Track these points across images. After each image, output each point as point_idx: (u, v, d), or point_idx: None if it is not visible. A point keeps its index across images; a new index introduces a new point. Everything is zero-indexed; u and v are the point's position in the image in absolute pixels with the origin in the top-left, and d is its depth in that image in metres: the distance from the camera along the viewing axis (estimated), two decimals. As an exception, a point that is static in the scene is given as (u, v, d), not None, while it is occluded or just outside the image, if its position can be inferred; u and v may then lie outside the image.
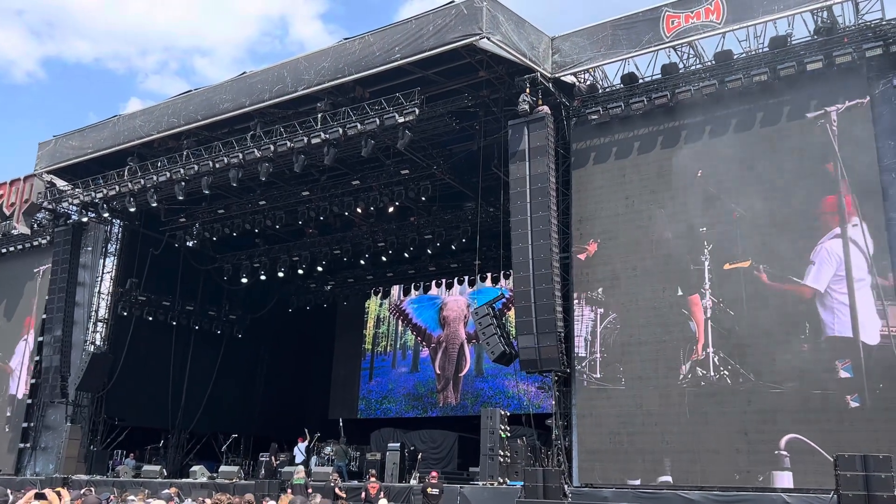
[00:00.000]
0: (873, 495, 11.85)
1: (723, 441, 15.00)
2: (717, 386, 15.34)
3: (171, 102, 21.87)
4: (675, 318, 16.10)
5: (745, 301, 15.46)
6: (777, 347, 14.93)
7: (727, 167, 16.27)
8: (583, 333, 17.09)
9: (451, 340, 29.69)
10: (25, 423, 25.47)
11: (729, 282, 15.72)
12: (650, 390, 16.00)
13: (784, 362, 14.75)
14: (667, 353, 16.01)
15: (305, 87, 18.72)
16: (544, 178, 16.90)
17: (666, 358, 15.99)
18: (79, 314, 25.19)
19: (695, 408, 15.37)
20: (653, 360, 16.15)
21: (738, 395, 15.05)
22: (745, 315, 15.39)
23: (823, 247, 15.00)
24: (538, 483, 15.10)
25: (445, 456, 25.09)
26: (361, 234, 27.53)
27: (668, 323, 16.15)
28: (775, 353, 14.92)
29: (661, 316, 16.30)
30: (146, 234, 26.64)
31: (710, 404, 15.31)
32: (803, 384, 14.50)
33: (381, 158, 21.73)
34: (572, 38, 17.72)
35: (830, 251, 14.93)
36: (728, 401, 15.16)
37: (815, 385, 14.41)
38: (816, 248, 15.05)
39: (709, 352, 15.54)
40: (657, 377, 16.00)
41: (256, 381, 32.14)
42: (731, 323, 15.47)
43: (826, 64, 15.31)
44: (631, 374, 16.34)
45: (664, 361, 16.00)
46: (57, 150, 24.06)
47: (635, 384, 16.18)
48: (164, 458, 25.97)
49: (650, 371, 16.09)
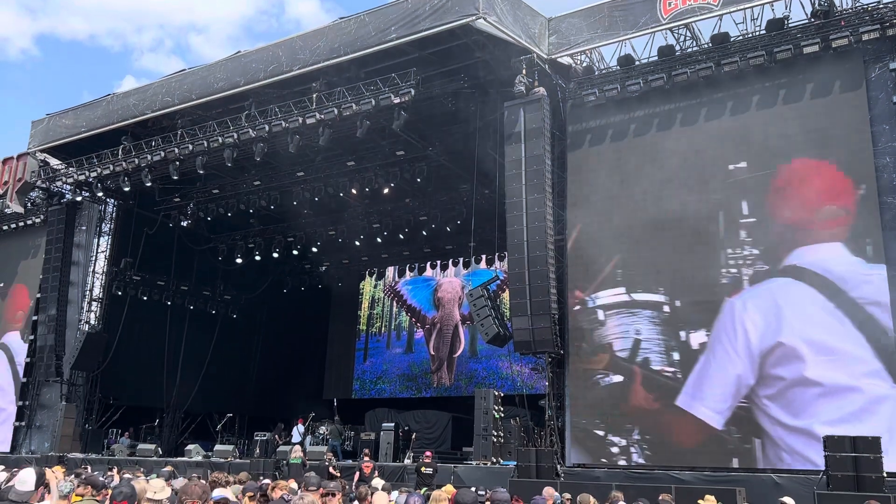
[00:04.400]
0: (862, 476, 12.02)
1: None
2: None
3: (166, 81, 21.74)
4: (668, 301, 16.24)
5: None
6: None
7: (723, 150, 16.30)
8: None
9: (446, 322, 29.80)
10: (21, 401, 25.54)
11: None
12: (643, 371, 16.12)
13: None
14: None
15: (300, 66, 18.63)
16: (540, 160, 16.91)
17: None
18: (73, 293, 25.18)
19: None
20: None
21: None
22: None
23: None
24: (531, 463, 15.26)
25: (439, 436, 25.31)
26: (356, 215, 27.51)
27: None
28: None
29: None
30: (140, 213, 26.57)
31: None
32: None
33: (376, 139, 21.66)
34: (569, 19, 17.64)
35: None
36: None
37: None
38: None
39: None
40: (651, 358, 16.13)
41: (251, 361, 32.25)
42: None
43: (822, 47, 15.30)
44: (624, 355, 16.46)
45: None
46: (50, 129, 23.93)
47: (629, 364, 16.30)
48: (159, 437, 26.11)
49: (644, 352, 16.18)
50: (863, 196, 14.65)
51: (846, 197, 14.85)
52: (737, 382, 14.94)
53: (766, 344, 14.78)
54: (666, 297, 16.15)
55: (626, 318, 16.51)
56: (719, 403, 15.00)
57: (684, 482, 13.95)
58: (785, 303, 14.81)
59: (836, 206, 14.90)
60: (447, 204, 25.19)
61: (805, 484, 13.01)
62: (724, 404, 14.93)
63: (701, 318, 15.64)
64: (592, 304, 16.93)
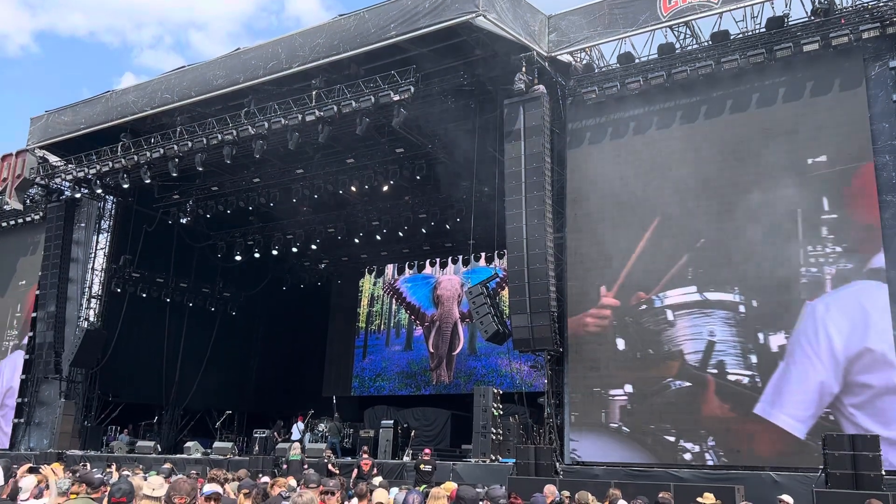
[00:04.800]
0: (861, 474, 12.02)
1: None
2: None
3: (165, 78, 21.71)
4: (667, 299, 16.16)
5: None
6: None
7: (722, 148, 16.29)
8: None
9: (445, 319, 29.80)
10: (20, 398, 25.53)
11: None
12: (642, 370, 16.12)
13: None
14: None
15: (300, 63, 18.61)
16: (539, 157, 16.90)
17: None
18: (72, 290, 25.19)
19: (686, 386, 15.49)
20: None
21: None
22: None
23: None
24: (530, 460, 15.28)
25: (438, 433, 25.31)
26: (356, 212, 27.50)
27: (661, 303, 16.22)
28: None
29: (654, 296, 16.36)
30: (140, 210, 26.54)
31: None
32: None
33: (375, 136, 21.64)
34: (569, 16, 17.63)
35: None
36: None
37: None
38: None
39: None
40: (650, 358, 16.13)
41: (250, 358, 32.27)
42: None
43: (822, 45, 15.28)
44: (623, 355, 16.40)
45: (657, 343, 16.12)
46: (49, 126, 23.89)
47: (628, 364, 16.31)
48: (158, 435, 26.11)
49: (643, 351, 16.18)
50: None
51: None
52: (820, 390, 14.13)
53: (852, 350, 13.99)
54: (741, 296, 15.37)
55: (699, 319, 15.73)
56: (801, 411, 14.14)
57: (683, 480, 13.97)
58: (872, 307, 14.02)
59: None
60: (446, 201, 25.17)
61: (804, 482, 13.02)
62: (807, 412, 14.10)
63: (780, 319, 14.86)
64: (660, 304, 16.17)
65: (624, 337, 16.50)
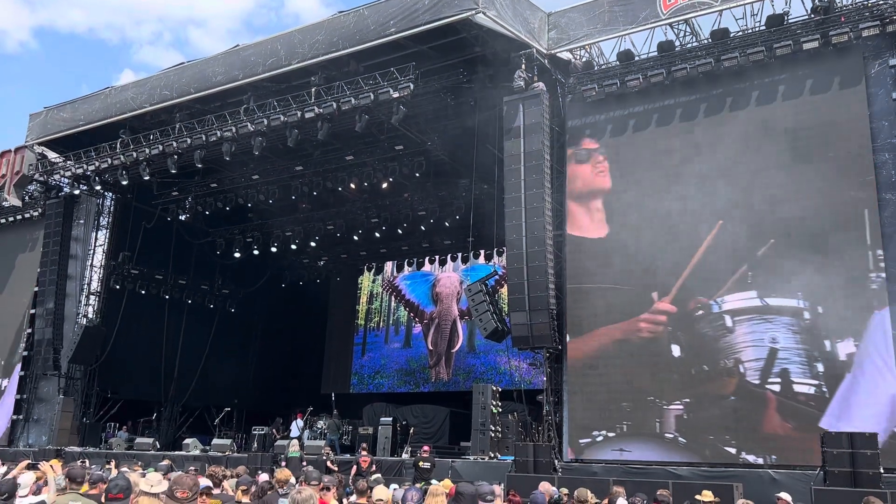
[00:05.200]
0: (859, 472, 12.03)
1: (714, 418, 15.14)
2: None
3: (164, 75, 21.69)
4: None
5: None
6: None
7: (722, 145, 16.28)
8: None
9: (444, 317, 29.81)
10: (18, 394, 25.53)
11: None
12: (641, 367, 16.13)
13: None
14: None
15: (299, 60, 18.58)
16: (539, 155, 16.88)
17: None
18: (71, 287, 25.15)
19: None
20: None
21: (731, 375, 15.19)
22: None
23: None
24: (529, 458, 15.28)
25: (437, 430, 25.31)
26: (355, 209, 27.47)
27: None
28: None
29: (653, 294, 16.29)
30: (138, 207, 26.52)
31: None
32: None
33: (375, 134, 21.62)
34: (569, 14, 17.61)
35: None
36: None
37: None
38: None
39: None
40: (649, 354, 16.13)
41: (249, 355, 32.26)
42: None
43: (822, 43, 15.27)
44: (623, 351, 16.37)
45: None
46: (48, 122, 23.87)
47: (626, 361, 16.31)
48: (157, 431, 26.14)
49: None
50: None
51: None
52: (891, 403, 13.50)
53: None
54: (806, 302, 14.68)
55: (759, 325, 14.96)
56: (871, 426, 13.09)
57: (682, 477, 13.98)
58: None
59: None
60: (446, 199, 25.16)
61: (802, 480, 13.02)
62: (878, 427, 13.12)
63: (847, 326, 14.18)
64: (718, 309, 15.44)
65: (679, 343, 15.77)
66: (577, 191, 17.76)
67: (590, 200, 17.56)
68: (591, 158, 17.72)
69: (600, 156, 17.58)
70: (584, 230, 17.49)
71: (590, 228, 17.44)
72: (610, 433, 16.14)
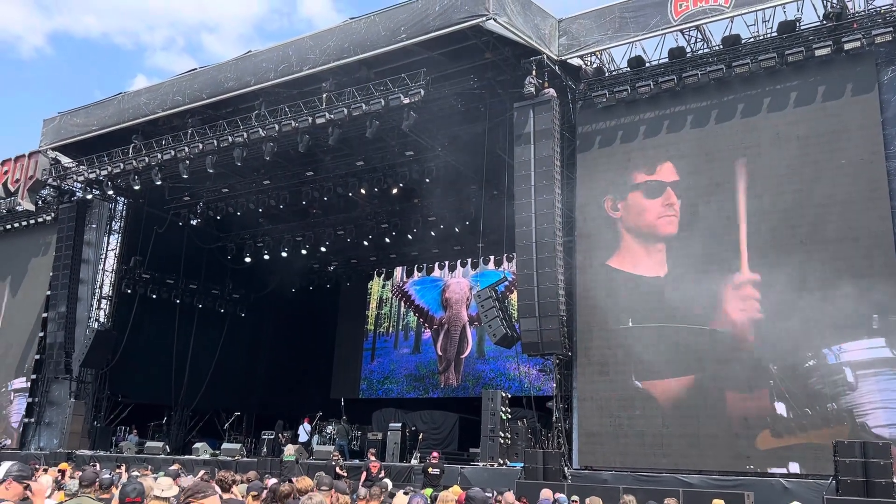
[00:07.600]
0: (872, 481, 11.93)
1: (722, 426, 15.07)
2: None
3: (176, 80, 21.82)
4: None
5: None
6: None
7: (733, 153, 16.23)
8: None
9: (453, 322, 29.78)
10: (30, 398, 25.68)
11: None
12: (651, 374, 16.05)
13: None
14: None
15: (310, 66, 18.66)
16: (549, 161, 16.87)
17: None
18: (83, 291, 25.31)
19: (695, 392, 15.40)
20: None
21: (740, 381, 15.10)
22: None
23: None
24: (538, 465, 15.24)
25: (446, 437, 25.27)
26: (365, 215, 27.53)
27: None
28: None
29: (663, 301, 16.19)
30: (150, 212, 26.66)
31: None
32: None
33: (385, 139, 21.67)
34: (579, 20, 17.62)
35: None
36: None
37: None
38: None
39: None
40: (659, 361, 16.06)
41: (259, 359, 32.33)
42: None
43: (834, 50, 15.22)
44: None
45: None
46: (62, 127, 24.05)
47: (637, 368, 16.24)
48: (167, 435, 26.20)
49: (652, 355, 16.09)
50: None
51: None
52: None
53: None
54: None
55: (891, 383, 12.89)
56: None
57: (692, 486, 13.88)
58: None
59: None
60: (456, 204, 25.16)
61: (815, 489, 12.92)
62: None
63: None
64: (835, 360, 13.42)
65: (784, 401, 13.76)
66: (637, 227, 16.72)
67: (654, 243, 16.43)
68: (664, 194, 16.51)
69: (674, 195, 16.20)
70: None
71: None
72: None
